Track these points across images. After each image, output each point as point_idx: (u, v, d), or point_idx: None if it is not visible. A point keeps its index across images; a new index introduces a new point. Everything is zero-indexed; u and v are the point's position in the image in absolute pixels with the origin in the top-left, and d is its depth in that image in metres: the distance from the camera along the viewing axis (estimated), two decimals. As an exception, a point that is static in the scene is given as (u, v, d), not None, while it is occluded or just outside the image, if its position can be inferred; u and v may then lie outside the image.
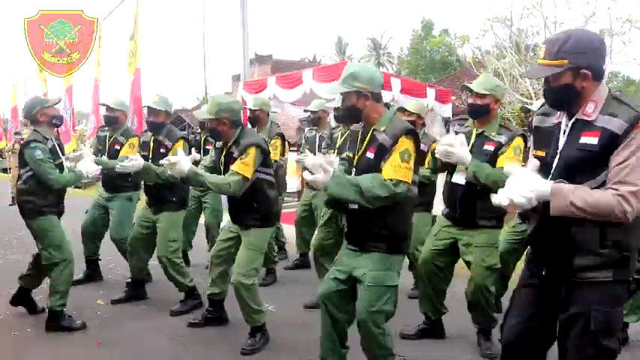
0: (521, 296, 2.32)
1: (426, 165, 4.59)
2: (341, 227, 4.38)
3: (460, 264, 3.82)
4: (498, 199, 1.97)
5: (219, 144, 3.85)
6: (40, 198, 4.00)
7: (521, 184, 1.94)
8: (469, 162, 3.27)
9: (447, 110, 8.84)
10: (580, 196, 1.92)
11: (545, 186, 1.94)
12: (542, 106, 2.34)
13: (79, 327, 4.07)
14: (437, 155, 3.37)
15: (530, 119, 4.18)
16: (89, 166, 4.19)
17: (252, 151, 3.59)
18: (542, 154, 2.17)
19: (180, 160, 3.47)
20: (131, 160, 4.17)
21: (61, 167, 4.11)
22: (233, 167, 3.56)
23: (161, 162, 3.70)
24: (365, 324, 2.79)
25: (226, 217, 3.97)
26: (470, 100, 3.56)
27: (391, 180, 2.67)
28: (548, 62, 2.05)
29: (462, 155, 3.27)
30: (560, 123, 2.15)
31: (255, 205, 3.68)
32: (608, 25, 8.19)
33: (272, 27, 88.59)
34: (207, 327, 4.10)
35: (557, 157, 2.10)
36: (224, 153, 3.76)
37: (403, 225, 2.86)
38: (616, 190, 1.92)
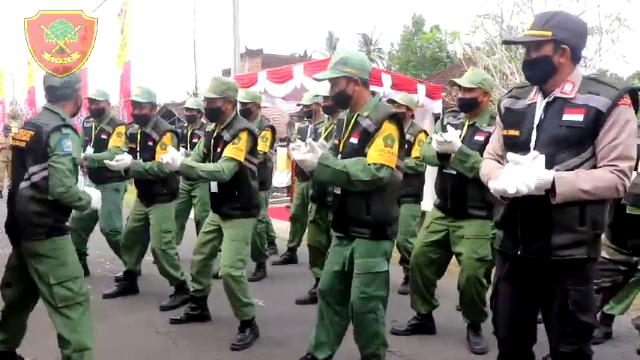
0: (503, 289, 2.36)
1: (413, 155, 4.59)
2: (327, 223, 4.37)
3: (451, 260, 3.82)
4: (502, 185, 1.97)
5: (210, 127, 3.82)
6: None
7: (526, 172, 1.97)
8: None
9: (437, 106, 8.84)
10: (585, 179, 1.99)
11: (548, 175, 1.98)
12: (510, 90, 2.41)
13: None
14: (433, 145, 3.39)
15: None
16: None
17: (245, 135, 3.59)
18: (515, 133, 2.24)
19: (173, 157, 3.46)
20: (117, 160, 4.14)
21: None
22: (226, 153, 3.53)
23: (162, 162, 3.59)
24: (358, 310, 2.83)
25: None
26: (459, 95, 3.60)
27: (374, 164, 2.69)
28: (533, 32, 2.15)
29: (453, 144, 3.30)
30: (533, 104, 2.22)
31: (236, 193, 3.66)
32: (597, 23, 8.21)
33: (263, 21, 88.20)
34: (197, 322, 4.07)
35: (535, 134, 2.16)
36: (214, 136, 3.73)
37: (387, 210, 2.85)
38: (615, 166, 2.00)
